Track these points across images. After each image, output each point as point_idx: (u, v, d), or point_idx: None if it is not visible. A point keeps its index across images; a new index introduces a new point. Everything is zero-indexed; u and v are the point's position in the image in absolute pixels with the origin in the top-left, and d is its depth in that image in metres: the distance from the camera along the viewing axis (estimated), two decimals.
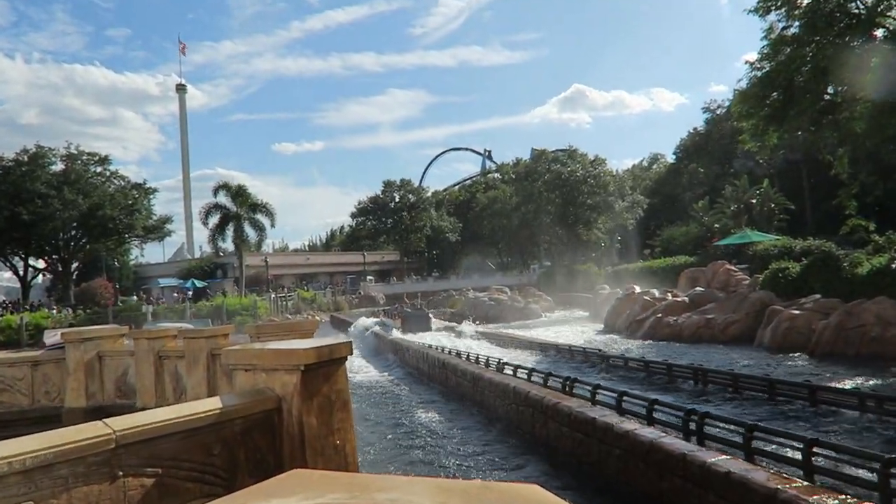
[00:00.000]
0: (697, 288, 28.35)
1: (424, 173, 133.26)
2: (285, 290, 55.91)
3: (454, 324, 32.99)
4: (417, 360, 19.33)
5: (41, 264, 51.77)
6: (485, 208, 73.39)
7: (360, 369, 21.68)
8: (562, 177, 62.72)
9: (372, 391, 17.38)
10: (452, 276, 69.08)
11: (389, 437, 12.20)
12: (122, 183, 53.84)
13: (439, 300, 50.12)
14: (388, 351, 24.74)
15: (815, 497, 5.99)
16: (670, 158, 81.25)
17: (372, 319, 37.36)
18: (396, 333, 28.99)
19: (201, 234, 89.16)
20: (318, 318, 46.80)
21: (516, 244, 79.21)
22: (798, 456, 6.93)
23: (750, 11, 23.46)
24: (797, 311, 20.39)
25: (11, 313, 39.58)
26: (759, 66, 24.12)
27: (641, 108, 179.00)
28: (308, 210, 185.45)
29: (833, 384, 13.23)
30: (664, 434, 8.22)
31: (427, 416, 13.50)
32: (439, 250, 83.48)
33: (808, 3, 22.23)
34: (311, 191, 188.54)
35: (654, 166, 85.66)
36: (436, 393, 16.28)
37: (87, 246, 51.21)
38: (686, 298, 26.77)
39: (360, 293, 61.20)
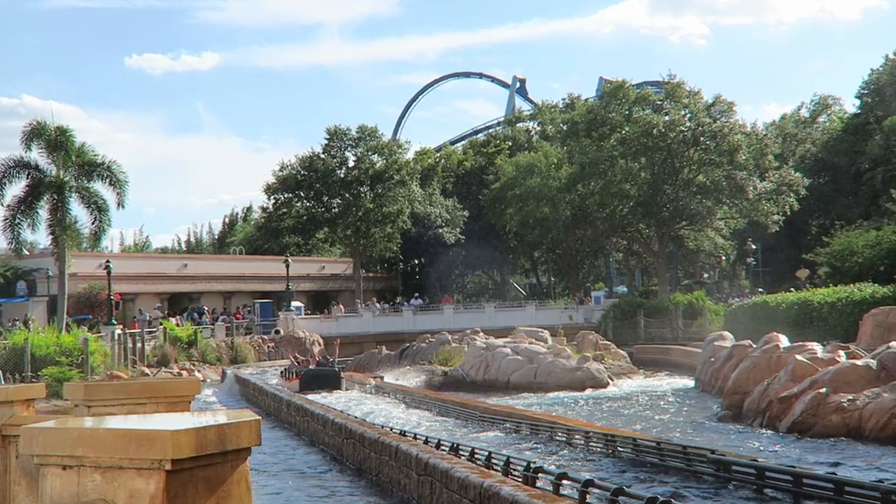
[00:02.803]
0: (894, 343, 28.35)
1: (403, 118, 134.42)
2: (141, 321, 55.77)
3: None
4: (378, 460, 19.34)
5: None
6: (511, 184, 73.66)
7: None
8: (653, 132, 63.06)
9: None
10: (447, 307, 69.14)
11: None
12: None
13: (422, 350, 50.10)
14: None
15: None
16: (850, 107, 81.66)
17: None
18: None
19: None
20: (199, 374, 46.71)
21: (566, 252, 79.54)
22: None
23: None
24: None
25: None
26: None
27: (798, 15, 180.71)
28: (188, 177, 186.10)
29: None
30: None
31: None
32: (427, 258, 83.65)
33: None
34: (196, 142, 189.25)
35: (822, 119, 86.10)
36: None
37: None
38: (872, 361, 26.77)
39: (278, 332, 61.24)
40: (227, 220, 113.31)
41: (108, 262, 54.84)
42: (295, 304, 66.70)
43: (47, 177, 49.25)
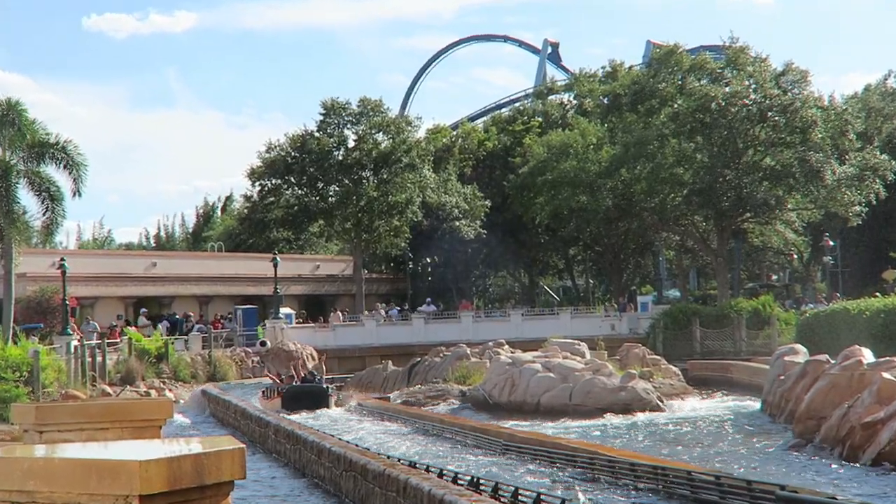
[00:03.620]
0: None
1: (413, 89, 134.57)
2: (87, 332, 55.78)
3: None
4: None
5: None
6: (541, 168, 73.58)
7: None
8: (712, 105, 62.90)
9: None
10: (466, 315, 69.13)
11: None
12: None
13: (435, 366, 50.14)
14: None
15: None
16: None
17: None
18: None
19: None
20: (171, 394, 46.72)
21: (607, 249, 79.38)
22: None
23: None
24: None
25: None
26: None
27: None
28: (158, 160, 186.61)
29: None
30: None
31: None
32: (441, 256, 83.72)
33: None
34: (167, 118, 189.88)
35: None
36: None
37: None
38: None
39: (264, 343, 61.28)
40: (203, 210, 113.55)
41: (62, 260, 54.98)
42: (284, 310, 66.79)
43: None
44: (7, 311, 49.20)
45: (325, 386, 43.89)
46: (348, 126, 79.01)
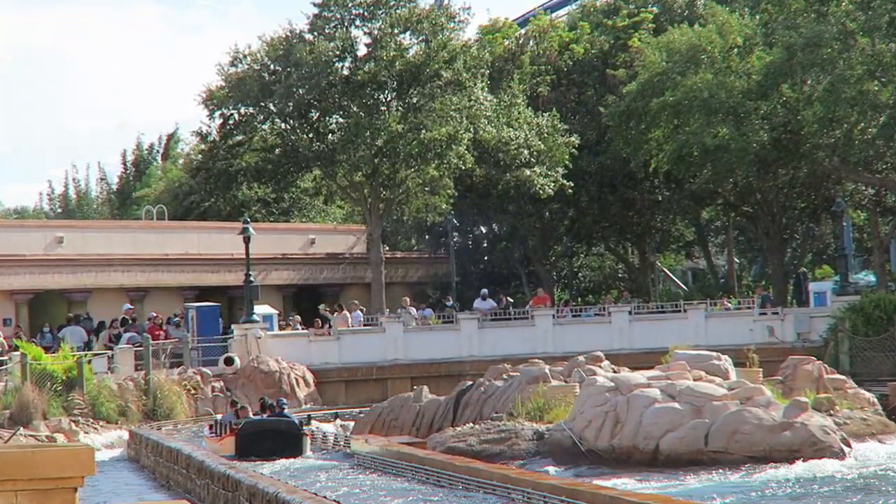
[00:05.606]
0: None
1: None
2: None
3: None
4: None
5: None
6: (657, 85, 73.32)
7: None
8: None
9: None
10: (542, 314, 69.06)
11: None
12: None
13: (495, 393, 50.24)
14: None
15: None
16: None
17: None
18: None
19: None
20: (87, 438, 47.11)
21: (762, 210, 79.18)
22: None
23: None
24: None
25: None
26: None
27: None
28: (67, 83, 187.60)
29: None
30: None
31: None
32: (503, 224, 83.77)
33: None
34: (79, 17, 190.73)
35: None
36: None
37: None
38: None
39: (231, 360, 61.52)
40: (134, 157, 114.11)
41: None
42: (262, 309, 66.90)
43: None
44: None
45: (296, 421, 44.46)
46: (357, 24, 78.80)
